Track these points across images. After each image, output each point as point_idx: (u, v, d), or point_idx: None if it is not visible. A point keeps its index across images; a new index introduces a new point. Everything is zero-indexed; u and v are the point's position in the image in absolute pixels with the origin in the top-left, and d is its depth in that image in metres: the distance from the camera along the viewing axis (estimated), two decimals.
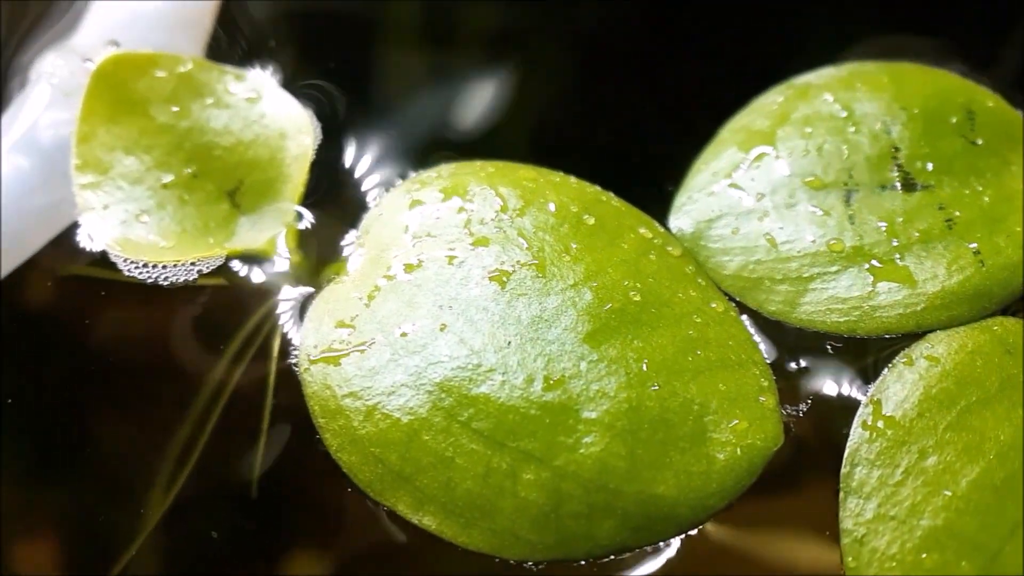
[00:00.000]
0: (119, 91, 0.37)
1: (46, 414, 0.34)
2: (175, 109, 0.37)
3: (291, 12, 0.43)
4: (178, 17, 0.40)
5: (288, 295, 0.35)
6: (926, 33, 0.41)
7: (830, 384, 0.33)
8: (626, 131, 0.41)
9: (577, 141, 0.41)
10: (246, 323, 0.35)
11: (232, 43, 0.41)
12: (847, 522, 0.31)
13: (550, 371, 0.30)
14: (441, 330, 0.31)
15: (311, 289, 0.35)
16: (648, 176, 0.38)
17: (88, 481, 0.33)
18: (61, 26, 0.40)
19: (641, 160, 0.40)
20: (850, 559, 0.31)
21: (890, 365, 0.33)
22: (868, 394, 0.33)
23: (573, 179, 0.36)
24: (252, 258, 0.36)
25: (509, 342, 0.31)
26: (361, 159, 0.39)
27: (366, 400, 0.31)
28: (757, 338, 0.33)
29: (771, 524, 0.32)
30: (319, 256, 0.36)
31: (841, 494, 0.31)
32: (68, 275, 0.35)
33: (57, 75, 0.37)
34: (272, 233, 0.36)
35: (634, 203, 0.36)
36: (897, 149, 0.35)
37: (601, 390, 0.30)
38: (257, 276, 0.36)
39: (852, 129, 0.35)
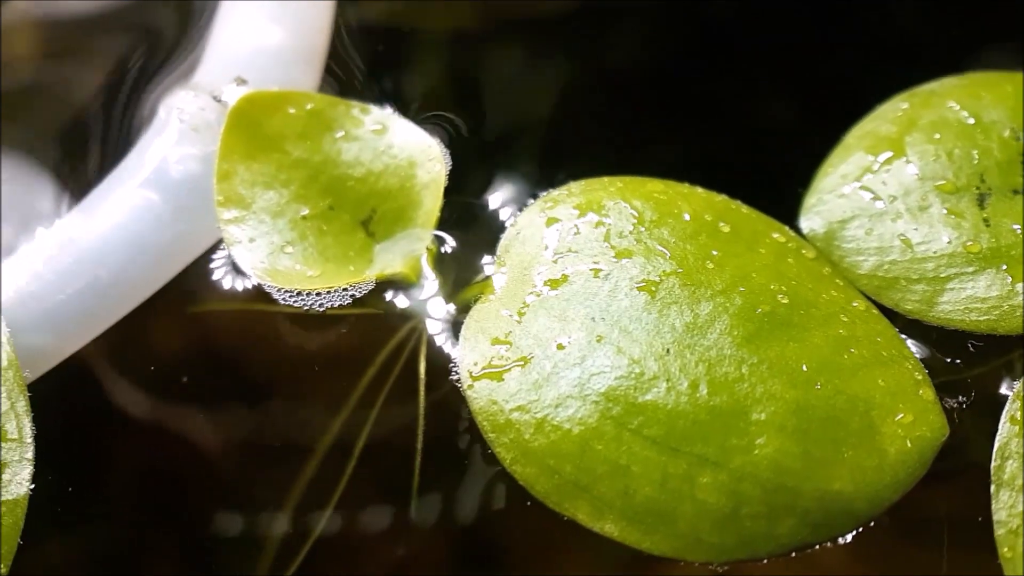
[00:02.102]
0: (254, 129, 0.36)
1: (220, 434, 0.34)
2: (308, 144, 0.36)
3: (401, 43, 0.43)
4: (295, 53, 0.39)
5: (433, 316, 0.35)
6: None
7: (975, 380, 0.32)
8: (738, 142, 0.40)
9: (690, 153, 0.40)
10: (392, 345, 0.34)
11: (349, 78, 0.41)
12: (1000, 514, 0.30)
13: (713, 376, 0.29)
14: (598, 341, 0.30)
15: (453, 309, 0.35)
16: (763, 183, 0.38)
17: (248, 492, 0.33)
18: (184, 62, 0.40)
19: (751, 168, 0.39)
20: (1005, 549, 0.30)
21: None
22: (1015, 390, 0.31)
23: (700, 189, 0.35)
24: (395, 283, 0.35)
25: (668, 349, 0.30)
26: (487, 182, 0.38)
27: (534, 413, 0.30)
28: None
29: (925, 516, 0.32)
30: (457, 277, 0.36)
31: (993, 487, 0.30)
32: (218, 308, 0.35)
33: (187, 111, 0.36)
34: (408, 258, 0.35)
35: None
36: None
37: (767, 392, 0.29)
38: (401, 300, 0.35)
39: (981, 135, 0.35)
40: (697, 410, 0.29)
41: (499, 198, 0.38)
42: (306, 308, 0.33)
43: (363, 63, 0.41)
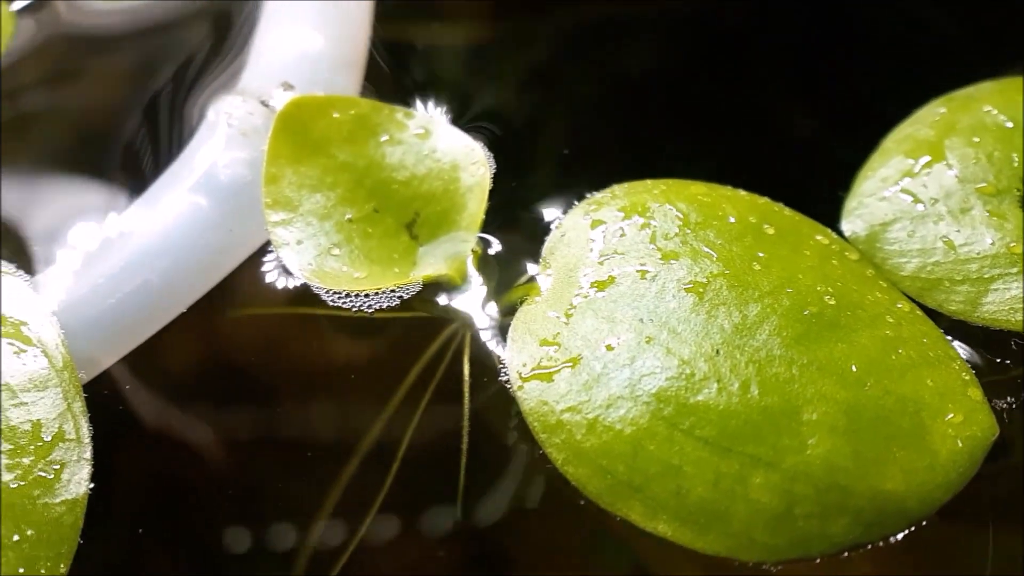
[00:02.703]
0: (301, 133, 0.36)
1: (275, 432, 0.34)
2: (353, 148, 0.36)
3: (441, 50, 0.43)
4: (338, 58, 0.39)
5: (478, 318, 0.35)
6: None
7: (1022, 379, 0.32)
8: (772, 147, 0.40)
9: (725, 158, 0.40)
10: (438, 346, 0.34)
11: (389, 82, 0.41)
12: None
13: (763, 376, 0.29)
14: (647, 342, 0.30)
15: (498, 311, 0.35)
16: (799, 187, 0.38)
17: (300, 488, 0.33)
18: (228, 69, 0.40)
19: (787, 172, 0.39)
20: None
21: None
22: None
23: (742, 192, 0.35)
24: (440, 285, 0.35)
25: (717, 350, 0.30)
26: (527, 186, 0.38)
27: (585, 414, 0.29)
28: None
29: (972, 516, 0.31)
30: (501, 279, 0.36)
31: None
32: (267, 311, 0.35)
33: (235, 116, 0.36)
34: (453, 261, 0.35)
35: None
36: None
37: (817, 392, 0.29)
38: (446, 301, 0.35)
39: (1020, 138, 0.34)
40: (749, 410, 0.29)
41: (539, 201, 0.38)
42: (355, 309, 0.34)
43: (391, 70, 0.41)
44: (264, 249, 0.36)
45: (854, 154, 0.37)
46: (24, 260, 0.35)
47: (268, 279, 0.35)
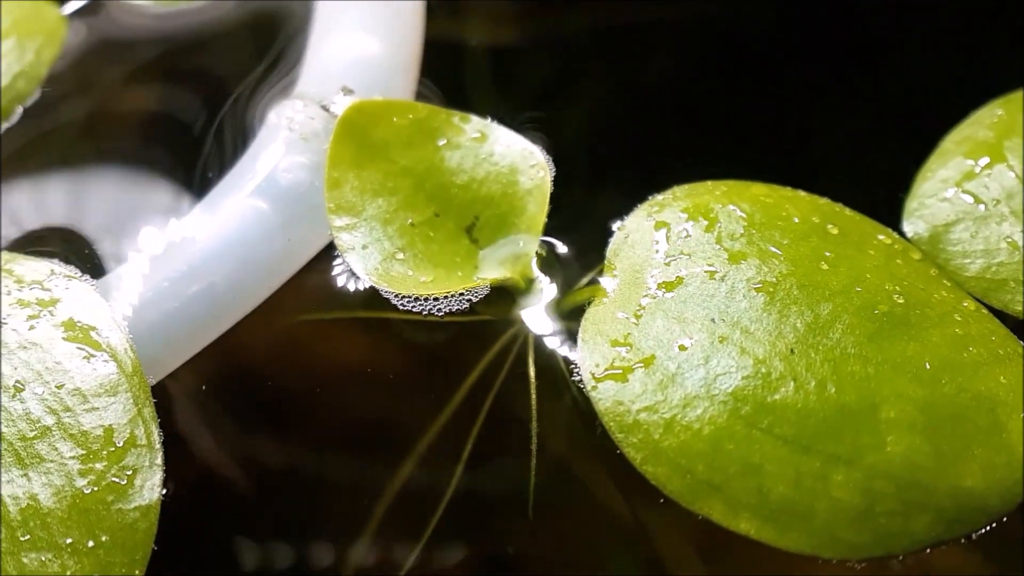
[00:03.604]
0: (362, 138, 0.36)
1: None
2: (413, 152, 0.36)
3: (492, 51, 0.43)
4: (393, 62, 0.39)
5: (542, 320, 0.34)
6: None
7: None
8: (822, 150, 0.40)
9: (774, 160, 0.40)
10: (503, 349, 0.34)
11: (440, 87, 0.41)
12: None
13: (839, 375, 0.29)
14: (720, 342, 0.30)
15: (561, 313, 0.34)
16: (854, 188, 0.38)
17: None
18: (284, 75, 0.39)
19: (840, 174, 0.39)
20: None
21: None
22: None
23: (802, 192, 0.35)
24: (503, 288, 0.34)
25: (792, 349, 0.29)
26: (582, 187, 0.38)
27: (662, 414, 0.29)
28: None
29: None
30: (565, 281, 0.35)
31: None
32: (336, 316, 0.35)
33: (296, 121, 0.36)
34: (515, 263, 0.35)
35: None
36: None
37: (894, 390, 0.29)
38: (511, 304, 0.34)
39: None
40: (826, 409, 0.28)
41: (594, 203, 0.38)
42: (425, 313, 0.33)
43: (456, 74, 0.41)
44: (325, 253, 0.36)
45: (905, 156, 0.37)
46: (88, 264, 0.35)
47: (335, 283, 0.35)
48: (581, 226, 0.37)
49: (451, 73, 0.41)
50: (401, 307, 0.33)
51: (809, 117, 0.41)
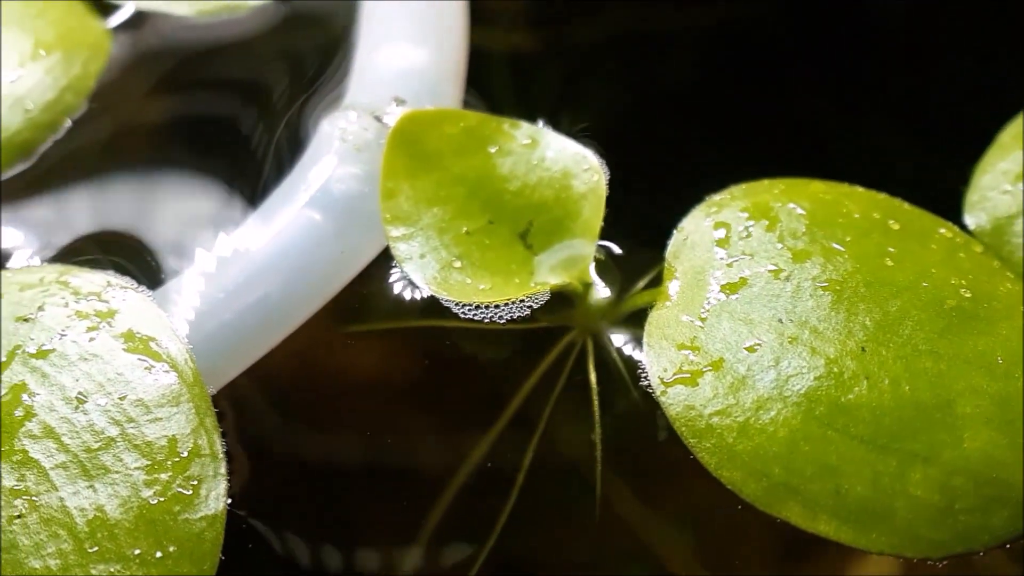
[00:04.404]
0: (415, 147, 0.35)
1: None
2: (465, 160, 0.36)
3: (541, 58, 0.42)
4: (441, 71, 0.39)
5: (602, 324, 0.34)
6: None
7: None
8: (871, 146, 0.40)
9: (823, 158, 0.40)
10: (563, 354, 0.34)
11: (482, 95, 0.40)
12: None
13: (912, 372, 0.28)
14: (790, 343, 0.29)
15: (621, 317, 0.34)
16: (905, 183, 0.37)
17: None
18: (331, 86, 0.39)
19: (888, 169, 0.39)
20: None
21: None
22: None
23: (860, 188, 0.34)
24: (562, 293, 0.34)
25: (863, 348, 0.29)
26: (634, 189, 0.38)
27: (736, 417, 0.29)
28: None
29: None
30: (623, 285, 0.35)
31: None
32: (398, 326, 0.35)
33: (349, 131, 0.36)
34: (573, 268, 0.34)
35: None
36: None
37: (968, 385, 0.28)
38: (569, 309, 0.34)
39: None
40: (901, 407, 0.28)
41: (645, 205, 0.37)
42: (487, 320, 0.33)
43: (499, 80, 0.41)
44: (377, 263, 0.36)
45: (951, 152, 0.37)
46: (143, 274, 0.35)
47: (391, 292, 0.35)
48: (632, 228, 0.36)
49: (490, 80, 0.41)
50: (462, 315, 0.33)
51: (849, 117, 0.41)
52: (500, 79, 0.41)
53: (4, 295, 0.33)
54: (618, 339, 0.34)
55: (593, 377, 0.33)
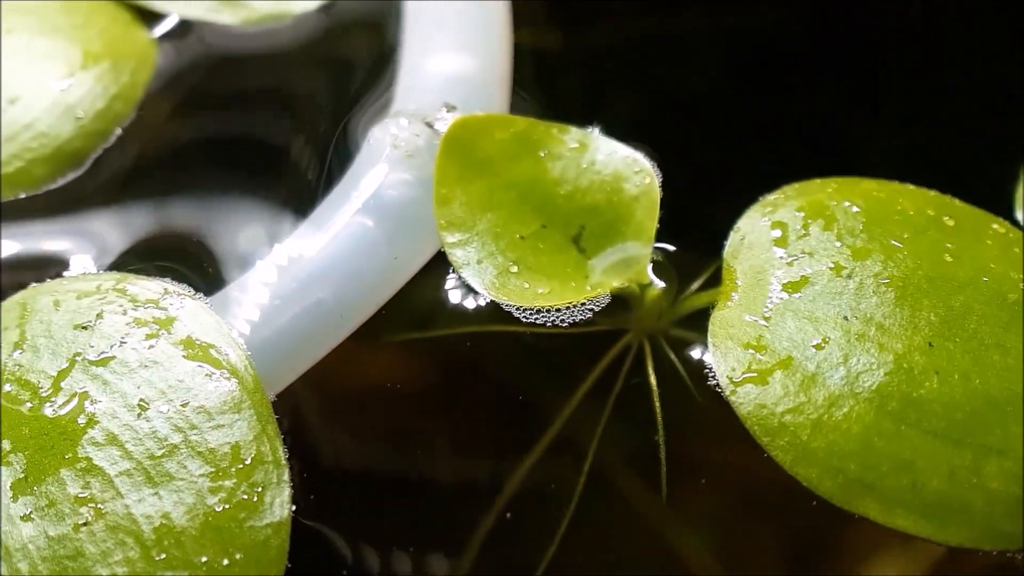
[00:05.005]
0: (468, 153, 0.35)
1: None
2: (516, 165, 0.36)
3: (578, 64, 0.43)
4: (488, 76, 0.38)
5: (662, 326, 0.34)
6: None
7: None
8: (909, 143, 0.40)
9: (862, 155, 0.40)
10: (621, 356, 0.34)
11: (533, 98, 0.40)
12: None
13: (981, 365, 0.28)
14: (857, 339, 0.29)
15: (678, 318, 0.34)
16: (952, 179, 0.38)
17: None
18: (382, 89, 0.39)
19: (931, 166, 0.39)
20: None
21: None
22: None
23: (911, 185, 0.34)
24: (620, 295, 0.34)
25: (930, 343, 0.29)
26: (684, 191, 0.38)
27: (808, 415, 0.29)
28: None
29: None
30: (675, 285, 0.35)
31: None
32: (459, 331, 0.34)
33: (401, 137, 0.36)
34: (629, 271, 0.34)
35: None
36: None
37: None
38: (626, 312, 0.34)
39: None
40: (973, 400, 0.28)
41: (695, 205, 0.37)
42: (550, 325, 0.33)
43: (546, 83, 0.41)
44: (428, 269, 0.36)
45: (996, 147, 0.37)
46: (199, 281, 0.35)
47: (447, 298, 0.35)
48: (683, 229, 0.36)
49: (536, 83, 0.41)
50: (524, 319, 0.33)
51: (884, 115, 0.41)
52: (541, 81, 0.41)
53: (62, 303, 0.33)
54: (676, 340, 0.34)
55: (653, 379, 0.33)
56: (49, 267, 0.35)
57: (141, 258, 0.35)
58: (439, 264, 0.35)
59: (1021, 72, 0.41)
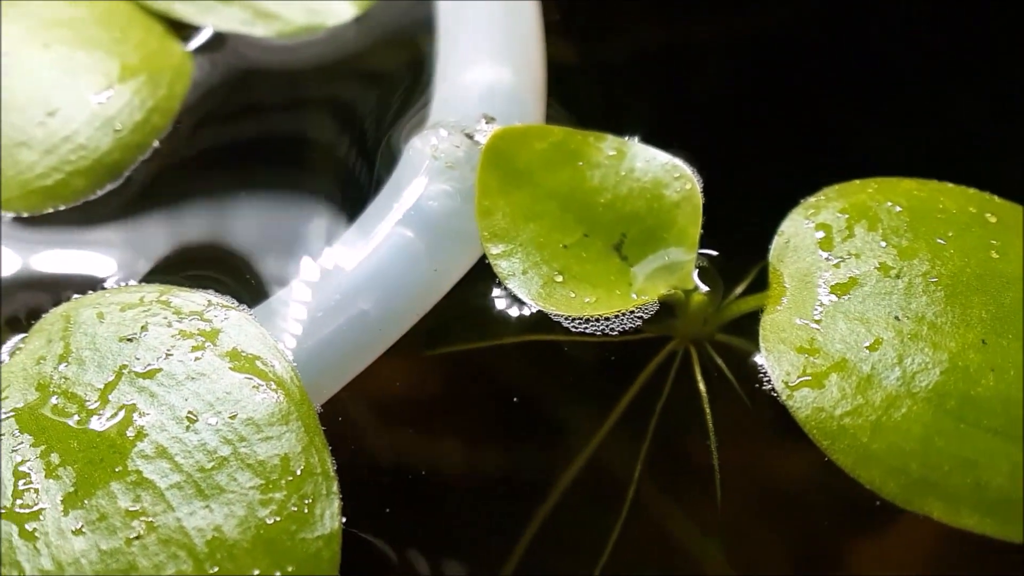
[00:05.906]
0: (508, 164, 0.35)
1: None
2: (556, 175, 0.35)
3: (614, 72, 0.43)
4: (524, 87, 0.38)
5: (710, 332, 0.34)
6: None
7: None
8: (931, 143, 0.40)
9: (904, 151, 0.40)
10: (663, 361, 0.33)
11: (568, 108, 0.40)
12: None
13: None
14: (910, 339, 0.29)
15: (728, 323, 0.34)
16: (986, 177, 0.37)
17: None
18: (418, 100, 0.39)
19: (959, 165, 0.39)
20: None
21: None
22: None
23: (950, 184, 0.34)
24: (667, 302, 0.34)
25: (983, 340, 0.29)
26: (724, 195, 0.38)
27: (867, 416, 0.28)
28: None
29: None
30: (725, 291, 0.35)
31: None
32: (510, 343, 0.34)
33: (441, 148, 0.36)
34: (674, 277, 0.34)
35: None
36: None
37: None
38: (673, 318, 0.34)
39: None
40: None
41: (733, 210, 0.37)
42: (599, 333, 0.33)
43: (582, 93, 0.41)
44: (468, 279, 0.36)
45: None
46: (241, 293, 0.34)
47: (493, 308, 0.34)
48: (721, 234, 0.36)
49: (563, 94, 0.41)
50: (572, 329, 0.33)
51: (913, 115, 0.41)
52: (567, 92, 0.41)
53: (106, 315, 0.33)
54: (721, 346, 0.33)
55: (702, 385, 0.33)
56: (89, 279, 0.35)
57: (180, 269, 0.35)
58: (481, 274, 0.35)
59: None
